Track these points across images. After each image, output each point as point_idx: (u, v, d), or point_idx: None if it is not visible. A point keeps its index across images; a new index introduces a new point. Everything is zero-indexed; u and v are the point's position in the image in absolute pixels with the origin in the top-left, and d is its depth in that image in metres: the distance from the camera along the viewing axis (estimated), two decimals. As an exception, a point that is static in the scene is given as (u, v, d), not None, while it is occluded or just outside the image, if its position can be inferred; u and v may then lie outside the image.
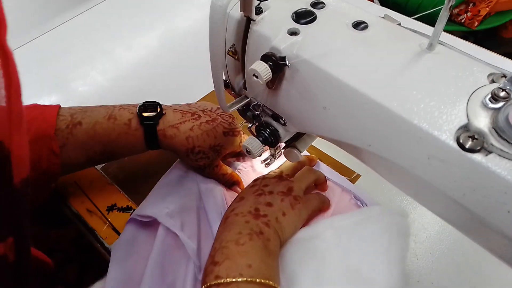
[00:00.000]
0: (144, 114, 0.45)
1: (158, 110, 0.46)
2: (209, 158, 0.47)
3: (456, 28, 1.21)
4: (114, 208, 0.51)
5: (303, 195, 0.44)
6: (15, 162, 0.24)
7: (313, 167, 0.51)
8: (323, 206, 0.46)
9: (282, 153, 0.46)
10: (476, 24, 1.16)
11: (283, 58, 0.31)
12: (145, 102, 0.47)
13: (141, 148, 0.47)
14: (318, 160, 0.53)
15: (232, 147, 0.49)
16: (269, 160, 0.52)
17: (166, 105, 0.48)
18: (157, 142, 0.46)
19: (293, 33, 0.31)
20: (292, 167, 0.49)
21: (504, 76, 0.27)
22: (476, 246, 0.44)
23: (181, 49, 0.70)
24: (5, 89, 0.23)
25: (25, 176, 0.26)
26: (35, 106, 0.45)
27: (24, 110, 0.25)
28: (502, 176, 0.23)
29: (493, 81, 0.27)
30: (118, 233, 0.49)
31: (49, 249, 0.55)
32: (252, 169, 0.53)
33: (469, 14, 1.14)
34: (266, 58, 0.31)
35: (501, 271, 0.42)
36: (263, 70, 0.30)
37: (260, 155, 0.48)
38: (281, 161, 0.51)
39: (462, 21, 1.17)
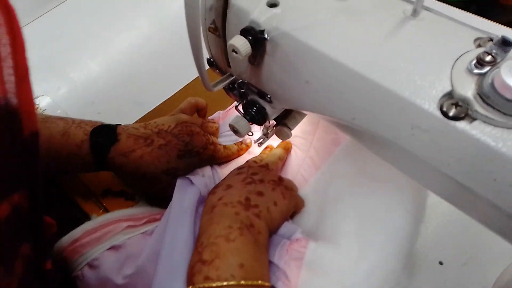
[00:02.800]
0: (97, 138, 0.43)
1: (112, 135, 0.43)
2: (163, 182, 0.45)
3: (458, -3, 1.17)
4: (109, 193, 0.51)
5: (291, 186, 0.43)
6: (24, 116, 0.24)
7: None
8: (300, 207, 0.44)
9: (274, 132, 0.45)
10: (477, -8, 1.13)
11: (262, 32, 0.30)
12: (102, 125, 0.45)
13: (92, 170, 0.45)
14: None
15: (188, 168, 0.46)
16: (262, 139, 0.51)
17: (124, 127, 0.45)
18: (107, 168, 0.44)
19: (272, 4, 0.30)
20: (276, 163, 0.46)
21: (491, 40, 0.26)
22: (472, 219, 0.44)
23: (172, 31, 0.69)
24: (10, 45, 0.23)
25: (34, 129, 0.26)
26: None
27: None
28: (487, 143, 0.23)
29: (479, 46, 0.26)
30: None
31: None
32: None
33: (469, -18, 1.10)
34: (245, 32, 0.30)
35: (497, 242, 0.42)
36: (242, 45, 0.29)
37: (250, 134, 0.47)
38: (273, 141, 0.51)
39: (463, -11, 1.13)
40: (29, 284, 0.27)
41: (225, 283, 0.31)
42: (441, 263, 0.41)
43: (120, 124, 0.46)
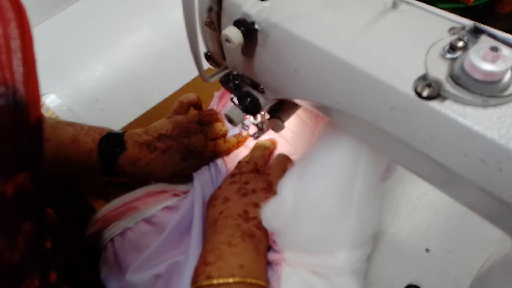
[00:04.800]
0: (105, 148, 0.45)
1: (119, 144, 0.46)
2: (174, 182, 0.48)
3: (453, 5, 1.20)
4: (110, 185, 0.53)
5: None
6: (30, 104, 0.26)
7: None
8: None
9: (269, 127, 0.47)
10: (472, 0, 1.15)
11: (253, 23, 0.32)
12: (109, 133, 0.47)
13: (101, 175, 0.47)
14: None
15: (194, 167, 0.48)
16: (257, 134, 0.53)
17: (130, 134, 0.47)
18: (116, 174, 0.47)
19: (263, -2, 0.32)
20: (263, 156, 0.49)
21: (464, 28, 0.28)
22: (458, 207, 0.45)
23: (172, 34, 0.72)
24: (20, 39, 0.25)
25: (39, 116, 0.28)
26: None
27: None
28: (458, 120, 0.24)
29: (454, 34, 0.28)
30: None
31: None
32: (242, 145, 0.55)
33: (464, -10, 1.13)
34: (238, 23, 0.32)
35: (482, 231, 0.43)
36: (234, 34, 0.31)
37: (246, 128, 0.50)
38: (268, 135, 0.53)
39: (458, -3, 1.16)
40: (29, 258, 0.29)
41: (225, 280, 0.34)
42: (427, 250, 0.43)
43: (126, 131, 0.48)
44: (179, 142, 0.47)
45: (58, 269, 0.39)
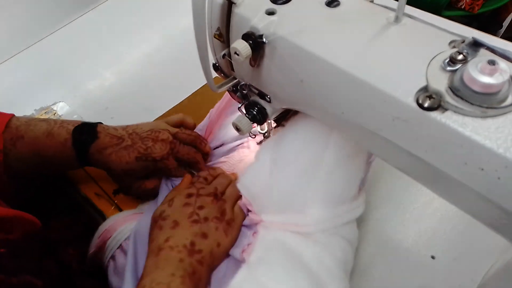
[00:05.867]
0: (79, 136, 0.47)
1: (92, 133, 0.47)
2: (124, 181, 0.49)
3: (458, 13, 1.21)
4: (120, 191, 0.54)
5: (232, 213, 0.44)
6: None
7: None
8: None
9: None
10: (476, 8, 1.16)
11: (261, 36, 0.33)
12: (83, 123, 0.48)
13: (76, 166, 0.49)
14: None
15: (145, 171, 0.49)
16: (263, 141, 0.54)
17: (105, 126, 0.49)
18: (90, 164, 0.48)
19: (270, 13, 0.34)
20: (225, 185, 0.48)
21: (464, 41, 0.29)
22: (463, 215, 0.46)
23: (180, 43, 0.73)
24: None
25: None
26: None
27: None
28: (458, 130, 0.25)
29: (454, 47, 0.29)
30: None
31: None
32: (249, 150, 0.56)
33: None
34: (246, 37, 0.33)
35: (486, 238, 0.44)
36: (243, 47, 0.32)
37: (253, 137, 0.51)
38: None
39: (462, 7, 1.17)
40: None
41: None
42: (433, 257, 0.43)
43: (101, 123, 0.50)
44: (143, 143, 0.48)
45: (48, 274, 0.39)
